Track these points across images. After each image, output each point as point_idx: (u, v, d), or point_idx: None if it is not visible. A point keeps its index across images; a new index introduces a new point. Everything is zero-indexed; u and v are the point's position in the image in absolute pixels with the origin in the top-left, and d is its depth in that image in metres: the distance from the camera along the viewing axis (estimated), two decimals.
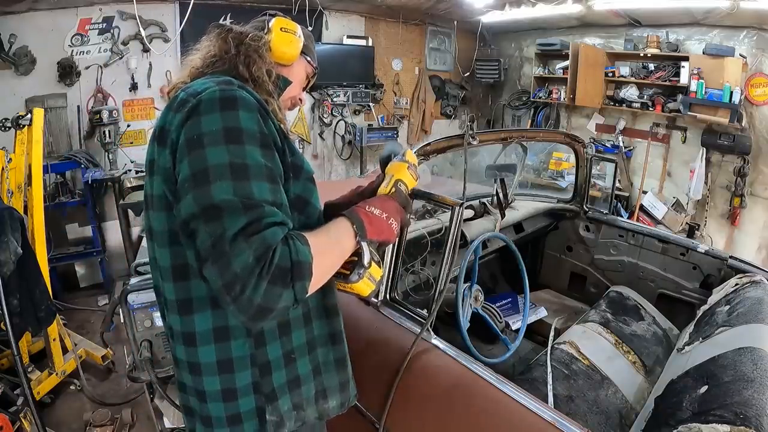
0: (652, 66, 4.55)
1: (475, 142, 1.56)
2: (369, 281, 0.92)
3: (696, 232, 4.47)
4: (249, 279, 0.67)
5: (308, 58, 1.12)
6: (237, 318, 0.73)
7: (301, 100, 1.14)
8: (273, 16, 1.07)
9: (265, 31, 1.02)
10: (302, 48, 1.08)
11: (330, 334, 1.01)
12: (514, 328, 1.95)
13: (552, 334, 1.91)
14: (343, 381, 1.04)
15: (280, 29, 1.03)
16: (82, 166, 3.51)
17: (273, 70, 0.99)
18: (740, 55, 4.02)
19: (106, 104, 3.77)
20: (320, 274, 0.79)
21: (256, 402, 0.90)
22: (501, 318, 1.82)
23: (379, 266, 0.95)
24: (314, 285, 0.77)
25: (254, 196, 0.73)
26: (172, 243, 0.85)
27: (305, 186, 0.92)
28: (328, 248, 0.83)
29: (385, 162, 1.09)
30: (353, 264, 0.90)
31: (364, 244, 0.89)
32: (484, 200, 2.20)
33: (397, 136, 5.60)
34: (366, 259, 0.89)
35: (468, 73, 6.11)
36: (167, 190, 0.81)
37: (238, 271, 0.67)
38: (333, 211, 1.40)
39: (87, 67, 3.73)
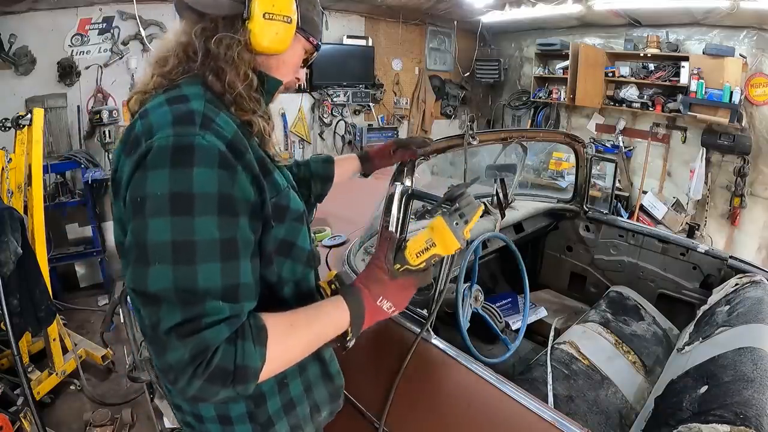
0: (652, 66, 4.55)
1: (475, 142, 1.56)
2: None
3: (696, 232, 4.46)
4: (182, 375, 0.61)
5: (307, 35, 0.86)
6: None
7: (298, 79, 0.93)
8: None
9: (244, 15, 0.75)
10: (298, 21, 0.81)
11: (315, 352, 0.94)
12: (514, 328, 1.95)
13: (552, 334, 1.91)
14: (332, 391, 0.99)
15: (264, 16, 0.76)
16: (82, 166, 3.51)
17: (255, 76, 0.80)
18: (740, 55, 4.02)
19: (106, 104, 3.77)
20: (276, 369, 0.71)
21: (252, 430, 0.86)
22: (501, 318, 1.82)
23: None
24: (272, 373, 0.70)
25: (197, 286, 0.63)
26: None
27: (291, 227, 0.81)
28: (300, 342, 0.73)
29: (444, 201, 0.84)
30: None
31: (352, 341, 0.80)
32: (484, 200, 2.20)
33: (397, 136, 5.60)
34: (350, 345, 0.81)
35: (468, 73, 6.11)
36: (123, 237, 0.71)
37: (172, 363, 0.61)
38: (370, 165, 1.37)
39: (87, 67, 3.73)
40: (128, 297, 0.76)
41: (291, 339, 0.71)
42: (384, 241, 0.83)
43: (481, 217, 2.17)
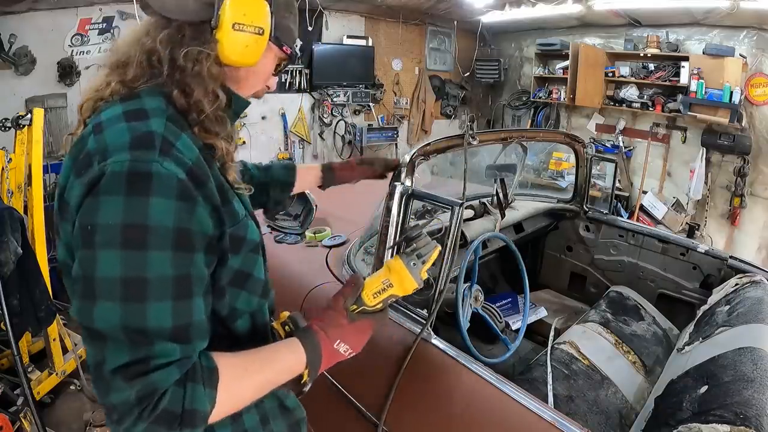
0: (652, 66, 4.56)
1: (475, 142, 1.56)
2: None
3: (696, 232, 4.47)
4: (127, 416, 0.58)
5: (281, 43, 0.78)
6: None
7: (268, 87, 0.86)
8: None
9: (213, 23, 0.69)
10: (271, 32, 0.74)
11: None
12: (514, 328, 1.95)
13: (552, 334, 1.91)
14: (291, 423, 0.93)
15: (234, 26, 0.68)
16: None
17: (224, 95, 0.73)
18: (740, 55, 4.02)
19: None
20: (226, 411, 0.67)
21: None
22: (501, 318, 1.82)
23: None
24: (221, 416, 0.66)
25: (147, 325, 0.59)
26: None
27: (247, 258, 0.76)
28: (253, 385, 0.70)
29: (401, 243, 0.84)
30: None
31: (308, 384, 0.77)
32: (484, 200, 2.20)
33: (397, 136, 5.61)
34: (305, 390, 0.79)
35: (468, 73, 6.11)
36: (69, 260, 0.66)
37: (116, 404, 0.58)
38: (330, 176, 1.34)
39: (87, 67, 3.73)
40: None
41: (243, 382, 0.68)
42: (348, 284, 0.82)
43: (481, 217, 2.18)
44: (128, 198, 0.59)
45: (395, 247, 0.87)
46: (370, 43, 5.36)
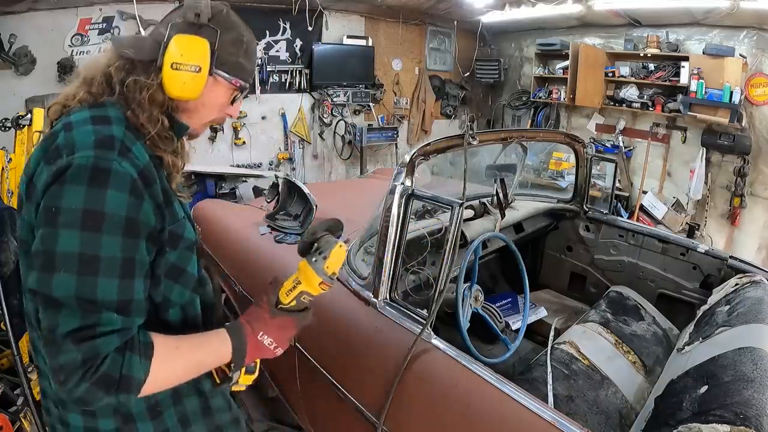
0: (652, 66, 4.56)
1: (475, 142, 1.56)
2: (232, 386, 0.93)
3: (696, 232, 4.47)
4: (72, 376, 0.67)
5: (228, 77, 0.87)
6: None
7: (230, 115, 0.95)
8: (175, 29, 0.81)
9: (158, 62, 0.80)
10: (216, 67, 0.84)
11: (195, 384, 0.93)
12: (514, 328, 1.95)
13: (552, 334, 1.91)
14: (212, 428, 0.98)
15: (171, 66, 0.79)
16: None
17: (165, 119, 0.83)
18: (740, 55, 4.02)
19: None
20: (159, 386, 0.76)
21: None
22: (501, 318, 1.82)
23: (252, 373, 0.97)
24: (152, 390, 0.74)
25: (96, 296, 0.69)
26: None
27: (182, 254, 0.86)
28: (179, 366, 0.79)
29: (306, 246, 0.93)
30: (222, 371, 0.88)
31: (235, 373, 0.89)
32: (484, 200, 2.20)
33: (397, 136, 5.61)
34: (234, 379, 0.90)
35: (468, 73, 6.11)
36: (30, 238, 0.75)
37: (63, 364, 0.67)
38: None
39: None
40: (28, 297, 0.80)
41: (175, 359, 0.77)
42: (270, 284, 0.92)
43: (481, 217, 2.18)
44: (89, 188, 0.70)
45: (301, 252, 0.94)
46: (370, 43, 5.36)
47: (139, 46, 0.83)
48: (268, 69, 4.85)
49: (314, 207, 2.08)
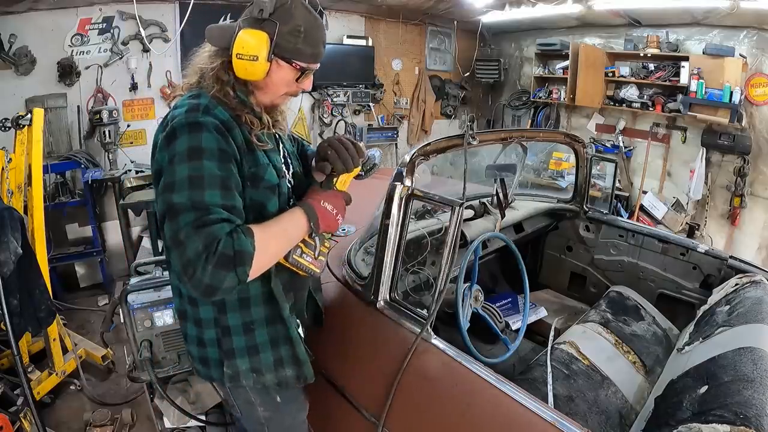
0: (652, 66, 4.55)
1: (475, 142, 1.56)
2: (314, 264, 1.13)
3: (696, 232, 4.47)
4: (198, 263, 0.87)
5: (290, 61, 1.06)
6: (194, 294, 0.97)
7: (302, 89, 1.16)
8: (244, 23, 1.04)
9: (229, 53, 1.04)
10: (276, 53, 1.03)
11: (279, 312, 1.17)
12: (514, 328, 1.95)
13: (552, 334, 1.91)
14: (294, 355, 1.20)
15: (236, 56, 1.02)
16: (82, 166, 3.51)
17: (234, 93, 1.06)
18: (740, 55, 4.02)
19: (106, 104, 3.77)
20: (265, 260, 0.99)
21: (218, 354, 1.16)
22: (501, 318, 1.82)
23: (328, 243, 1.18)
24: (259, 269, 0.97)
25: (204, 199, 0.92)
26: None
27: (263, 194, 1.08)
28: (275, 239, 1.02)
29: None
30: (302, 248, 1.11)
31: (317, 238, 1.12)
32: (484, 200, 2.20)
33: (397, 136, 5.61)
34: (317, 249, 1.13)
35: (468, 73, 6.11)
36: (157, 180, 0.99)
37: (191, 256, 0.87)
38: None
39: (87, 67, 3.73)
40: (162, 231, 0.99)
41: (269, 234, 1.00)
42: (318, 176, 1.20)
43: (481, 217, 2.17)
44: (189, 135, 0.96)
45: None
46: (370, 43, 5.35)
47: (220, 38, 1.06)
48: None
49: None
